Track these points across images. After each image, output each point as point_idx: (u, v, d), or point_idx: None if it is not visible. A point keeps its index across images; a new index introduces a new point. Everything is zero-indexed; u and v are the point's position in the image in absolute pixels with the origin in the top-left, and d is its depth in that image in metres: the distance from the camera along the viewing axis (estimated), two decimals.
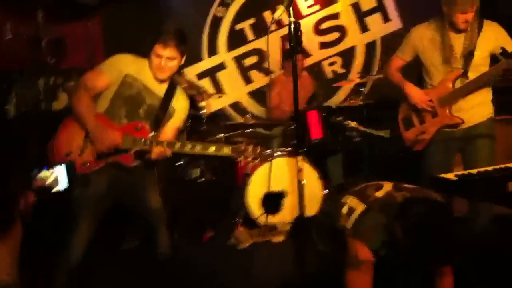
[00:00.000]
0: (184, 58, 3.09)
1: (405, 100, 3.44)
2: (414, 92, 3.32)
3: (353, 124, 4.26)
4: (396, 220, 2.22)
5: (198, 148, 2.92)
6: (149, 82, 3.04)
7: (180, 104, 3.15)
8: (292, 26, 2.38)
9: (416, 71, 3.47)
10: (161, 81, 3.05)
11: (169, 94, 3.10)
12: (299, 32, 2.40)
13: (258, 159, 2.96)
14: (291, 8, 2.39)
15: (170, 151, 2.91)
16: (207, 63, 5.81)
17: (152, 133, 2.96)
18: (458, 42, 3.12)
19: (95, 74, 2.96)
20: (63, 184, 2.62)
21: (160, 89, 3.07)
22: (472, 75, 3.12)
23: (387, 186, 2.53)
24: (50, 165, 2.60)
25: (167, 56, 2.95)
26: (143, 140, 2.88)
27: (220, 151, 2.91)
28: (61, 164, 2.65)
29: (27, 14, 4.39)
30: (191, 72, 5.73)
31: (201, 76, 5.80)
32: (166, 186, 4.41)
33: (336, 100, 5.66)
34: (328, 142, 4.48)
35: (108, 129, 2.84)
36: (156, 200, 3.08)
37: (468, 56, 3.09)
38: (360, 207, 2.45)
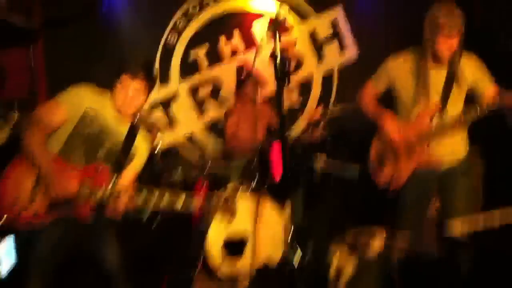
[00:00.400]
0: (149, 96, 2.82)
1: (377, 134, 3.23)
2: (392, 127, 3.07)
3: (321, 161, 4.02)
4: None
5: (166, 199, 2.65)
6: (111, 121, 2.73)
7: (141, 149, 2.87)
8: (278, 56, 2.10)
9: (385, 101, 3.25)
10: (124, 118, 2.75)
11: (131, 137, 2.79)
12: (288, 63, 2.12)
13: (230, 212, 2.78)
14: (276, 35, 2.11)
15: (132, 201, 2.58)
16: (159, 93, 5.44)
17: (115, 176, 2.65)
18: (438, 76, 2.94)
19: (52, 108, 2.60)
20: (10, 260, 2.25)
21: (122, 130, 2.76)
22: (450, 109, 2.95)
23: (380, 234, 2.28)
24: None
25: (134, 88, 2.68)
26: (103, 191, 2.57)
27: (189, 206, 2.68)
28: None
29: None
30: None
31: (153, 106, 5.42)
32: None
33: (294, 132, 5.43)
34: (292, 178, 4.24)
35: (65, 174, 2.49)
36: (111, 254, 2.76)
37: (448, 91, 2.92)
38: (349, 267, 2.18)
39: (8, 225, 2.41)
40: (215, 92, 5.52)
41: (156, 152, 4.45)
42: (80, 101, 2.63)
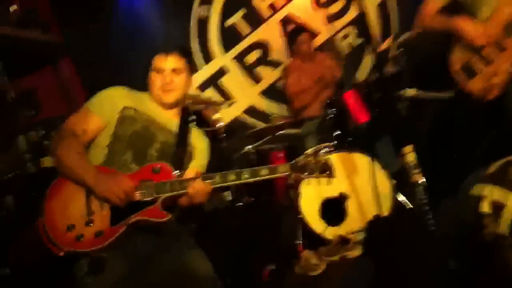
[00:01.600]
0: (192, 77, 2.40)
1: (454, 46, 2.71)
2: (470, 27, 2.57)
3: (412, 92, 3.46)
4: None
5: (245, 176, 2.18)
6: (156, 113, 2.31)
7: (200, 144, 2.44)
8: None
9: None
10: (169, 107, 2.32)
11: (184, 127, 2.36)
12: None
13: (327, 172, 2.29)
14: None
15: (209, 187, 2.14)
16: (205, 71, 5.01)
17: (177, 172, 2.19)
18: None
19: (82, 116, 2.21)
20: None
21: (171, 122, 2.34)
22: None
23: None
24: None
25: (171, 68, 2.26)
26: (168, 183, 2.11)
27: (276, 172, 2.21)
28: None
29: None
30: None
31: (202, 87, 5.00)
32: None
33: (361, 75, 4.87)
34: (378, 124, 3.72)
35: (117, 177, 2.05)
36: (203, 264, 2.16)
37: None
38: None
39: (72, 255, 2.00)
40: (265, 56, 5.03)
41: (219, 134, 4.04)
42: (113, 103, 2.23)
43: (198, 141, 2.43)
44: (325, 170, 2.28)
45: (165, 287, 2.09)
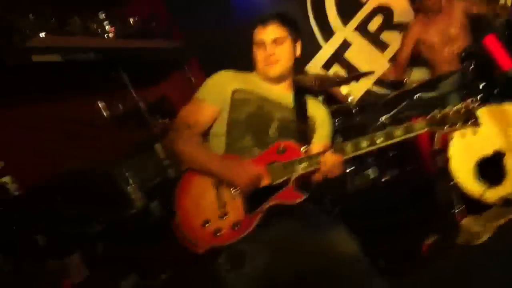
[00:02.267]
0: (299, 46, 2.26)
1: None
2: None
3: None
4: None
5: (380, 140, 2.00)
6: (267, 91, 2.20)
7: (320, 114, 2.30)
8: None
9: None
10: (276, 81, 2.20)
11: (300, 99, 2.24)
12: None
13: (471, 120, 2.02)
14: None
15: (341, 158, 1.99)
16: (327, 49, 4.79)
17: (304, 148, 2.06)
18: None
19: (193, 106, 2.19)
20: None
21: (285, 97, 2.23)
22: None
23: None
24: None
25: (271, 39, 2.13)
26: (297, 161, 1.99)
27: (412, 130, 2.03)
28: None
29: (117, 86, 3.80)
30: (314, 68, 4.79)
31: (327, 66, 4.79)
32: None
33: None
34: None
35: (243, 162, 1.99)
36: (347, 246, 2.01)
37: None
38: None
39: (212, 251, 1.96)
40: (389, 21, 4.67)
41: (352, 109, 3.84)
42: (223, 88, 2.18)
43: (317, 112, 2.29)
44: (469, 119, 2.02)
45: (310, 272, 1.98)
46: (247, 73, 2.30)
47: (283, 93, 2.25)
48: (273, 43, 2.16)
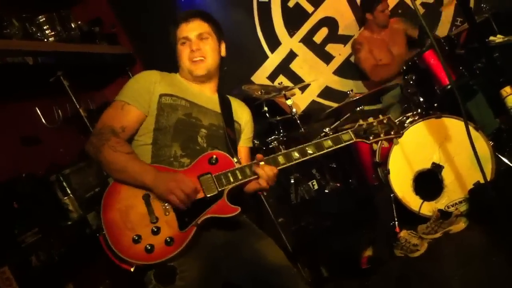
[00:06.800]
0: (223, 46, 2.21)
1: None
2: None
3: (499, 39, 3.05)
4: None
5: (311, 151, 2.00)
6: (194, 94, 2.12)
7: (245, 116, 2.27)
8: None
9: None
10: (202, 81, 2.14)
11: (226, 103, 2.19)
12: None
13: (393, 130, 2.11)
14: None
15: (275, 169, 1.96)
16: (274, 60, 4.80)
17: (235, 160, 2.01)
18: None
19: (117, 110, 2.00)
20: None
21: (211, 101, 2.16)
22: None
23: None
24: None
25: (195, 34, 2.08)
26: (229, 172, 1.93)
27: (340, 141, 2.04)
28: None
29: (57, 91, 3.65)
30: (260, 78, 4.79)
31: (272, 76, 4.79)
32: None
33: (442, 31, 4.42)
34: (465, 82, 3.34)
35: (176, 174, 1.87)
36: (275, 255, 2.00)
37: None
38: None
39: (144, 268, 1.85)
40: (334, 33, 4.71)
41: (295, 120, 3.82)
42: (149, 91, 2.02)
43: (242, 113, 2.27)
44: (391, 129, 2.11)
45: (243, 281, 1.95)
46: (173, 74, 2.20)
47: (210, 97, 2.18)
48: (198, 39, 2.09)
